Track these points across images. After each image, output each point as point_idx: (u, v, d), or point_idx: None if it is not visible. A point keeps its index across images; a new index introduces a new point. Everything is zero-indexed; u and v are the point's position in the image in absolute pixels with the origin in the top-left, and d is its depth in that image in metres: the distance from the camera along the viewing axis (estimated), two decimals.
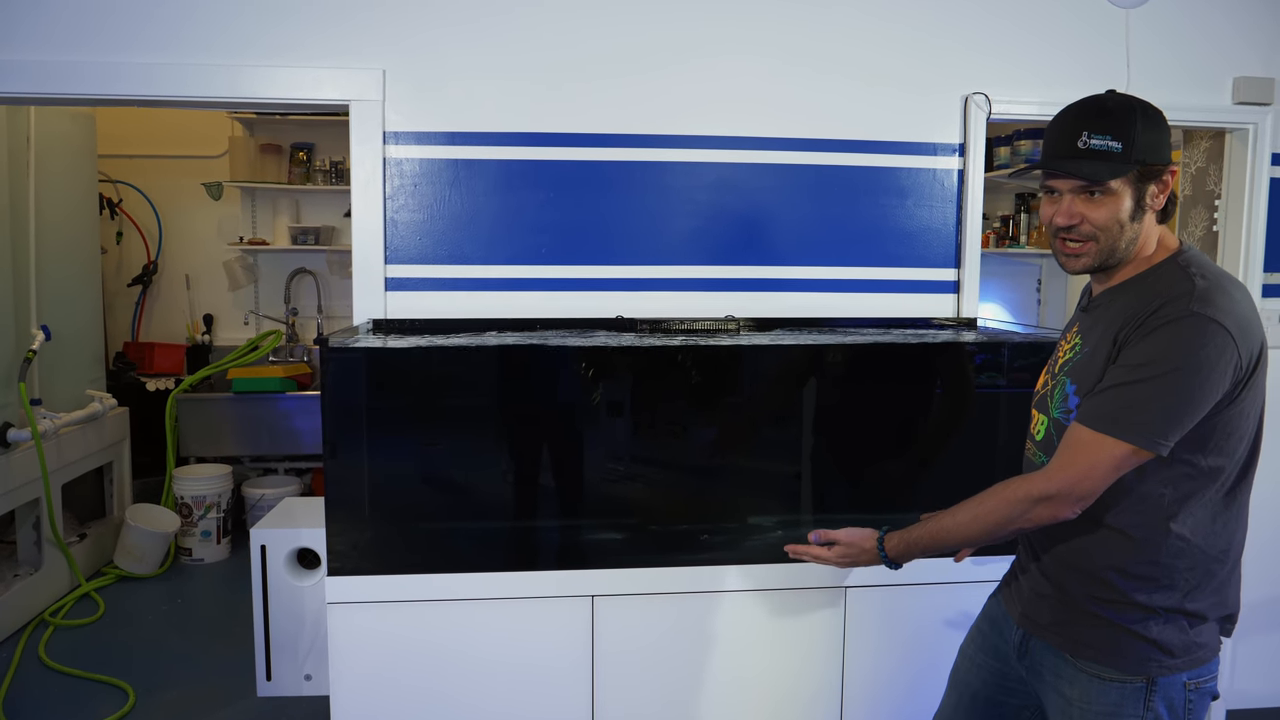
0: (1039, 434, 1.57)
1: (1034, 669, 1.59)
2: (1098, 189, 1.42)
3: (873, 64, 2.56)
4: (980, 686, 1.71)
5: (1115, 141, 1.39)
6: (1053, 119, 1.50)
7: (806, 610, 2.25)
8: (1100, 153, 1.40)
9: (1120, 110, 1.42)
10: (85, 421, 4.06)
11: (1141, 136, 1.40)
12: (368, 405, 2.13)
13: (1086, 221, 1.43)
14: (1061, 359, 1.56)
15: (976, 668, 1.71)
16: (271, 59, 2.39)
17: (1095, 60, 2.65)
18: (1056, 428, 1.51)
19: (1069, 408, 1.47)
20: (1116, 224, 1.42)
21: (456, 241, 2.46)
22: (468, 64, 2.44)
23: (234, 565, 4.47)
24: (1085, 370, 1.46)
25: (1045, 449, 1.54)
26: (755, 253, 2.56)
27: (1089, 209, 1.43)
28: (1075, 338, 1.54)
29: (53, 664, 3.35)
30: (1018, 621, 1.62)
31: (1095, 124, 1.41)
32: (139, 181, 5.06)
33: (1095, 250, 1.45)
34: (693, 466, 2.30)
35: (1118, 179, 1.40)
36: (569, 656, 2.19)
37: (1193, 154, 3.05)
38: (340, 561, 2.11)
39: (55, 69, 2.35)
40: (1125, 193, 1.41)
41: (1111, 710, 1.47)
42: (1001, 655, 1.66)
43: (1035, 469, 1.53)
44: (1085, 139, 1.40)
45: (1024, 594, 1.61)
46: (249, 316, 5.21)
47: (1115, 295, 1.49)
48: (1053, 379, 1.56)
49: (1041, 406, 1.58)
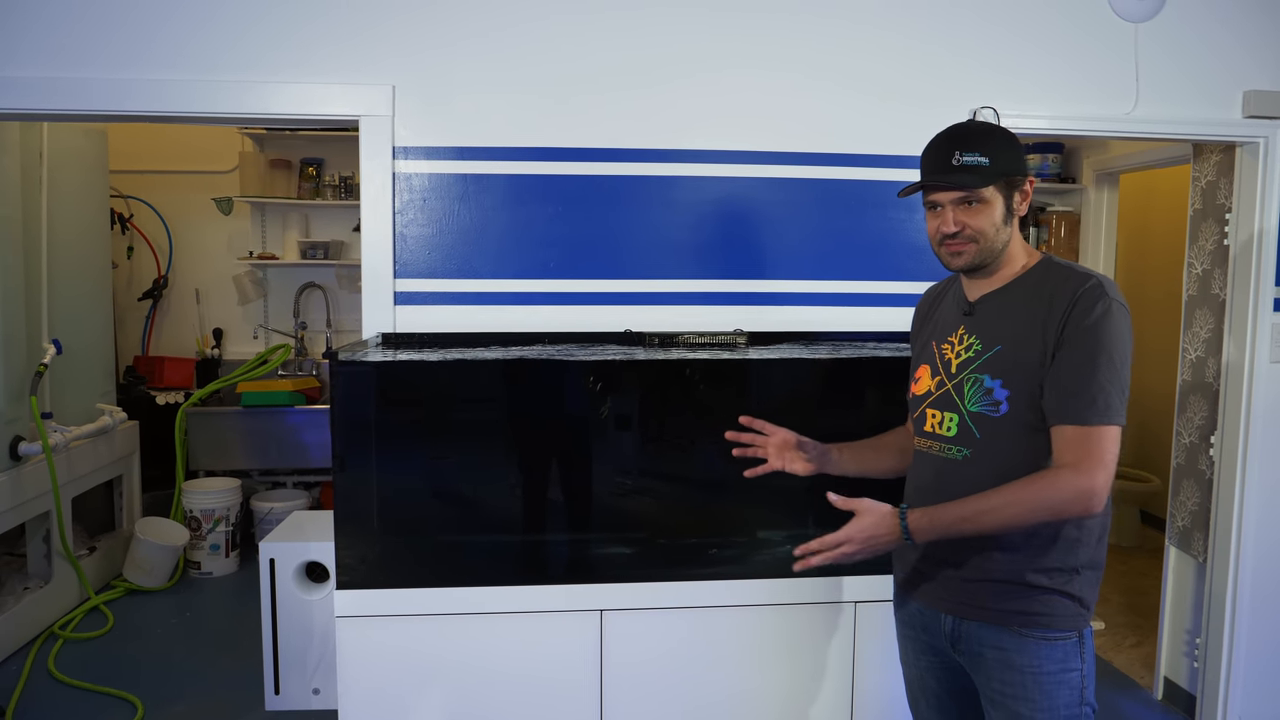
0: (950, 430, 1.69)
1: (972, 652, 1.69)
2: (974, 198, 1.62)
3: (881, 79, 2.56)
4: (938, 686, 1.81)
5: (983, 157, 1.61)
6: (927, 146, 1.70)
7: (816, 625, 2.24)
8: (971, 167, 1.61)
9: (982, 132, 1.67)
10: (95, 435, 4.08)
11: (1002, 153, 1.62)
12: (377, 418, 2.13)
13: (968, 227, 1.63)
14: (958, 359, 1.69)
15: (924, 672, 1.83)
16: (281, 74, 2.41)
17: (1104, 74, 2.65)
18: (977, 420, 1.65)
19: (995, 400, 1.62)
20: (992, 227, 1.63)
21: (465, 255, 2.47)
22: (477, 79, 2.45)
23: (242, 579, 4.47)
24: (1009, 366, 1.61)
25: (963, 442, 1.67)
26: (764, 266, 2.56)
27: (968, 217, 1.63)
28: (969, 339, 1.69)
29: (62, 677, 3.35)
30: (950, 612, 1.71)
31: (963, 144, 1.62)
32: (150, 196, 5.09)
33: (976, 250, 1.64)
34: (701, 480, 2.30)
35: (988, 187, 1.61)
36: (577, 670, 2.18)
37: (1203, 168, 3.04)
38: (349, 575, 2.11)
39: (65, 85, 2.37)
40: (996, 200, 1.63)
41: (1059, 667, 1.63)
42: (938, 650, 1.77)
43: (950, 463, 1.67)
44: (958, 157, 1.62)
45: (953, 586, 1.70)
46: (258, 330, 5.23)
47: (1001, 297, 1.67)
48: (950, 378, 1.70)
49: (945, 405, 1.70)
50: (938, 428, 1.72)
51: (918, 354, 1.83)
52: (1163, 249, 4.94)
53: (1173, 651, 3.25)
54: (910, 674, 1.88)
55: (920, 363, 1.80)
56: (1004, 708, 1.65)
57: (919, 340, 1.86)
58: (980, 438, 1.65)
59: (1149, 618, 3.58)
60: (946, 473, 1.69)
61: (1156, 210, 5.07)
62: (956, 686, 1.79)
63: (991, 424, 1.63)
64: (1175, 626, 3.23)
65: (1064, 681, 1.63)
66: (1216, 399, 2.98)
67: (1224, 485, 2.94)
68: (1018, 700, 1.63)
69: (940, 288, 1.89)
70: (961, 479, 1.65)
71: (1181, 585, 3.20)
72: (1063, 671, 1.63)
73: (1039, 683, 1.62)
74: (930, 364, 1.76)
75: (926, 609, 1.77)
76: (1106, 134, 2.74)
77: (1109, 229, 4.31)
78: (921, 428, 1.76)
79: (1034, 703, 1.62)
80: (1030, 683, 1.62)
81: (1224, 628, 2.93)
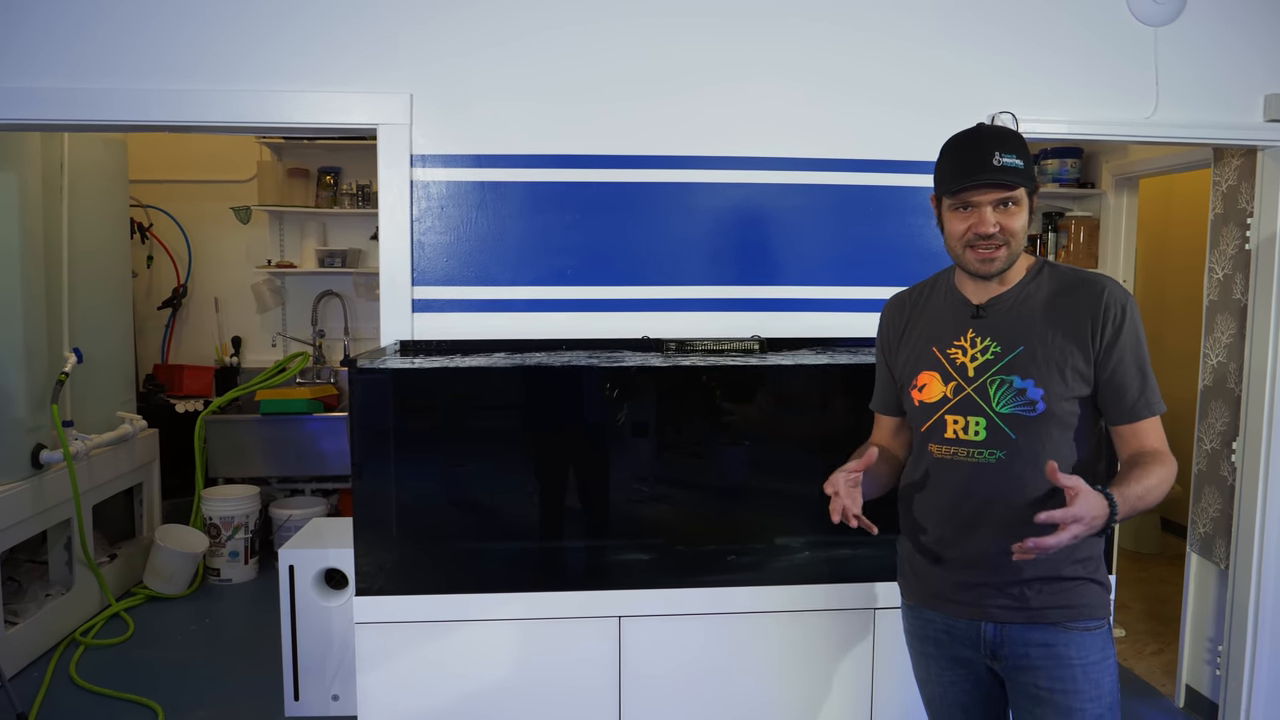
0: (977, 434, 1.67)
1: (1015, 655, 1.68)
2: (1012, 199, 1.62)
3: (897, 85, 2.56)
4: (967, 698, 1.79)
5: (1019, 159, 1.61)
6: (954, 146, 1.67)
7: (835, 631, 2.23)
8: (1012, 168, 1.60)
9: (1015, 135, 1.66)
10: (116, 443, 4.11)
11: (1030, 158, 1.64)
12: (395, 425, 2.14)
13: (1004, 229, 1.63)
14: (974, 362, 1.68)
15: (950, 686, 1.80)
16: (299, 84, 2.43)
17: (1123, 79, 2.64)
18: (1011, 421, 1.64)
19: (1030, 399, 1.62)
20: (1023, 230, 1.65)
21: (483, 263, 2.48)
22: (494, 87, 2.46)
23: (262, 585, 4.49)
24: (1042, 365, 1.62)
25: (995, 445, 1.65)
26: (781, 273, 2.55)
27: (1004, 218, 1.62)
28: (983, 341, 1.68)
29: (83, 683, 3.38)
30: (990, 619, 1.69)
31: (1002, 145, 1.61)
32: (169, 206, 5.13)
33: (1007, 254, 1.64)
34: (719, 486, 2.30)
35: (1022, 189, 1.62)
36: (596, 676, 2.18)
37: (1224, 172, 3.02)
38: (368, 582, 2.11)
39: (87, 96, 2.39)
40: (1026, 204, 1.64)
41: (1100, 655, 1.66)
42: (967, 662, 1.75)
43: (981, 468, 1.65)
44: (998, 157, 1.60)
45: (991, 593, 1.68)
46: (276, 339, 5.25)
47: (1013, 298, 1.68)
48: (968, 382, 1.67)
49: (967, 409, 1.67)
50: (961, 433, 1.69)
51: (910, 360, 1.77)
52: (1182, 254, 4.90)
53: (1194, 659, 3.22)
54: (932, 690, 1.83)
55: (921, 369, 1.74)
56: (1052, 704, 1.65)
57: (898, 345, 1.81)
58: (1016, 438, 1.64)
59: (1169, 625, 3.55)
60: (980, 477, 1.67)
61: (1176, 215, 5.04)
62: (985, 696, 1.78)
63: (1028, 424, 1.63)
64: (1197, 634, 3.20)
65: (1107, 668, 1.67)
66: (1238, 405, 2.95)
67: (1246, 492, 2.91)
68: (1068, 694, 1.64)
69: (915, 293, 1.85)
70: (998, 482, 1.65)
71: (1203, 592, 3.17)
72: (1104, 660, 1.67)
73: (1087, 673, 1.65)
74: (939, 370, 1.72)
75: (958, 620, 1.73)
76: (1126, 138, 2.73)
77: (1128, 234, 4.28)
78: (940, 435, 1.71)
79: (1083, 693, 1.64)
80: (1080, 675, 1.65)
81: (1246, 635, 2.89)
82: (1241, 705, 2.92)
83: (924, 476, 1.76)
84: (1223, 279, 3.04)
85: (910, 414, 1.79)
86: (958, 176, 1.63)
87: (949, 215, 1.67)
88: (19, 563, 3.96)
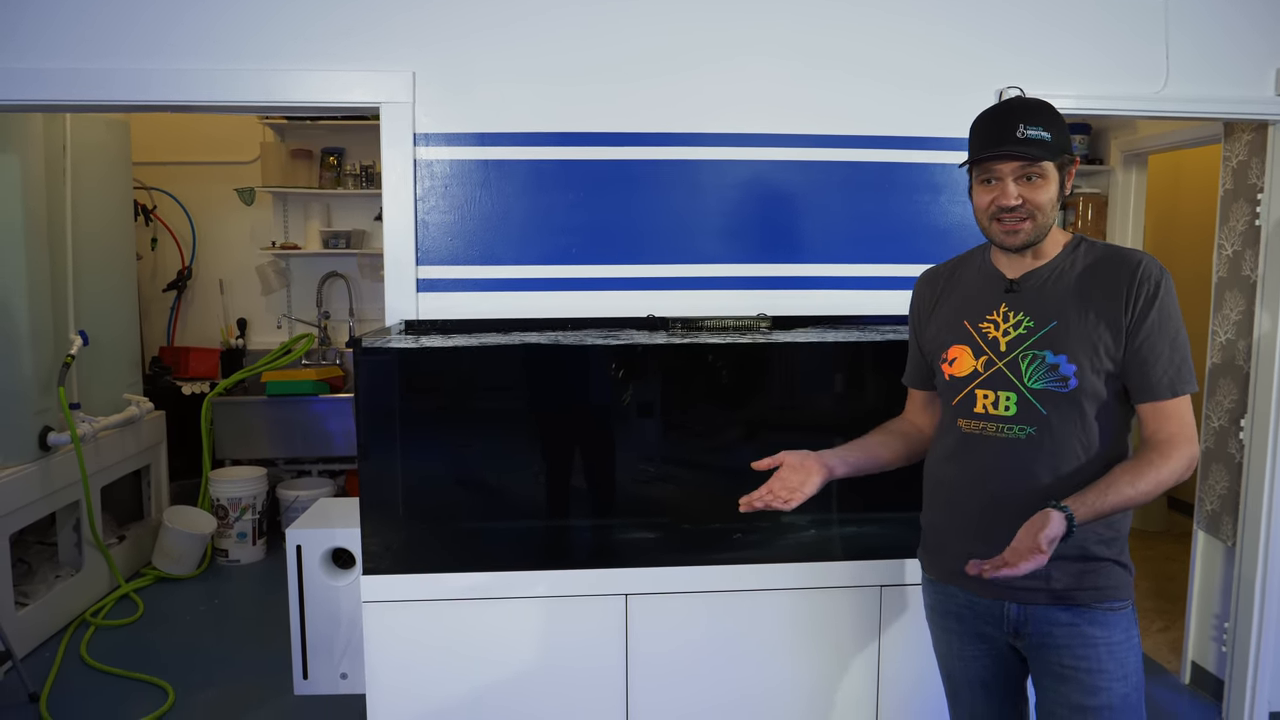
0: (1008, 409, 1.66)
1: (1039, 634, 1.67)
2: (1035, 173, 1.60)
3: (905, 61, 2.53)
4: (987, 674, 1.79)
5: (1045, 132, 1.58)
6: (983, 118, 1.67)
7: (841, 609, 2.24)
8: (1036, 140, 1.58)
9: (1045, 108, 1.63)
10: (123, 425, 4.12)
11: (1060, 130, 1.61)
12: (401, 405, 2.14)
13: (1027, 202, 1.61)
14: (1006, 337, 1.66)
15: (972, 661, 1.79)
16: (302, 63, 2.41)
17: (1133, 53, 2.61)
18: (1043, 397, 1.63)
19: (1062, 375, 1.61)
20: (1050, 203, 1.62)
21: (487, 242, 2.47)
22: (497, 65, 2.44)
23: (269, 566, 4.52)
24: (1078, 340, 1.60)
25: (1026, 420, 1.64)
26: (787, 250, 2.54)
27: (1028, 191, 1.60)
28: (1016, 315, 1.66)
29: (94, 663, 3.40)
30: (1014, 600, 1.68)
31: (1028, 117, 1.59)
32: (173, 188, 5.12)
33: (1032, 228, 1.62)
34: (725, 464, 2.29)
35: (1049, 162, 1.59)
36: (603, 653, 2.19)
37: (1234, 147, 2.99)
38: (376, 561, 2.12)
39: (89, 76, 2.38)
40: (1054, 177, 1.61)
41: (1124, 636, 1.66)
42: (988, 638, 1.75)
43: (1013, 443, 1.64)
44: (1022, 130, 1.58)
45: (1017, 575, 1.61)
46: (282, 320, 5.26)
47: (1048, 272, 1.66)
48: (1000, 356, 1.66)
49: (998, 384, 1.66)
50: (991, 408, 1.67)
51: (940, 334, 1.77)
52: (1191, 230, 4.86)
53: (1200, 636, 3.22)
54: (952, 665, 1.83)
55: (953, 343, 1.73)
56: (1077, 682, 1.64)
57: (929, 319, 1.81)
58: (1047, 414, 1.62)
59: (1175, 602, 3.55)
60: (1009, 453, 1.65)
61: (1185, 191, 5.00)
62: (1005, 672, 1.78)
63: (1060, 400, 1.62)
64: (1203, 611, 3.20)
65: (1131, 649, 1.66)
66: (1247, 382, 2.94)
67: (1254, 469, 2.90)
68: (1093, 673, 1.63)
69: (948, 268, 1.85)
70: (1027, 458, 1.64)
71: (1210, 570, 3.16)
72: (1128, 640, 1.66)
73: (1112, 652, 1.64)
74: (969, 344, 1.70)
75: (982, 599, 1.72)
76: (1136, 113, 2.70)
77: (1137, 211, 4.26)
78: (970, 410, 1.70)
79: (1108, 673, 1.64)
80: (1105, 654, 1.64)
81: (1253, 612, 2.89)
82: (1247, 681, 2.92)
83: (952, 451, 1.75)
84: (1232, 255, 3.02)
85: (940, 388, 1.79)
86: (981, 147, 1.63)
87: (976, 187, 1.67)
88: (28, 544, 3.98)
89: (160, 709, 3.05)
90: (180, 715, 3.06)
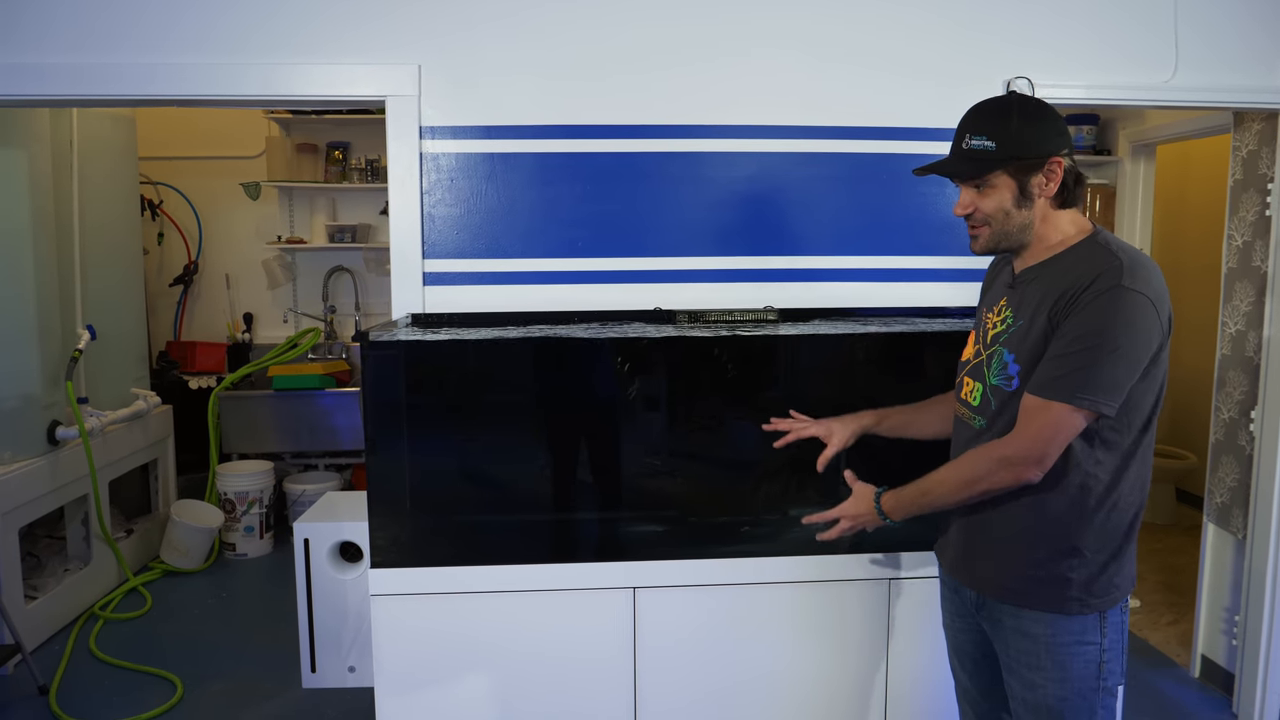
0: (975, 399, 1.72)
1: (992, 619, 1.73)
2: (981, 182, 1.61)
3: (914, 53, 2.51)
4: (972, 649, 1.85)
5: (989, 141, 1.58)
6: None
7: (851, 602, 2.23)
8: (976, 152, 1.59)
9: (996, 111, 1.61)
10: (131, 419, 4.13)
11: (1016, 134, 1.57)
12: (408, 397, 2.14)
13: (978, 210, 1.63)
14: (993, 330, 1.70)
15: (959, 634, 1.88)
16: (306, 56, 2.40)
17: (1142, 42, 2.58)
18: (994, 393, 1.67)
19: (1009, 374, 1.63)
20: (1002, 212, 1.61)
21: (493, 235, 2.46)
22: (503, 57, 2.43)
23: (277, 560, 4.53)
24: (1022, 342, 1.61)
25: (983, 412, 1.70)
26: (793, 243, 2.53)
27: (978, 199, 1.63)
28: (1005, 311, 1.69)
29: (103, 656, 3.41)
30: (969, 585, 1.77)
31: (974, 125, 1.61)
32: (178, 183, 5.13)
33: (989, 234, 1.65)
34: (733, 457, 2.29)
35: (994, 173, 1.58)
36: (611, 646, 2.19)
37: (1244, 137, 2.97)
38: (383, 555, 2.12)
39: (92, 70, 2.37)
40: (1005, 185, 1.60)
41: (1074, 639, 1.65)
42: (964, 613, 1.83)
43: (972, 431, 1.72)
44: (967, 140, 1.61)
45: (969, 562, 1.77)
46: (288, 315, 5.26)
47: (1038, 273, 1.65)
48: (985, 348, 1.71)
49: (976, 374, 1.73)
50: (967, 396, 1.76)
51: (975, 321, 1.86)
52: (1200, 220, 4.84)
53: (1210, 629, 3.21)
54: (949, 634, 1.93)
55: (972, 329, 1.84)
56: (1019, 675, 1.68)
57: (980, 308, 1.87)
58: (995, 409, 1.67)
59: (1185, 595, 3.54)
60: (968, 440, 1.73)
61: (1193, 182, 4.98)
62: (989, 651, 1.81)
63: (1005, 398, 1.65)
64: (1213, 604, 3.19)
65: (1079, 654, 1.63)
66: (1257, 374, 2.92)
67: (1265, 461, 2.88)
68: (1032, 669, 1.66)
69: (1003, 258, 1.83)
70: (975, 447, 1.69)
71: (1220, 562, 3.15)
72: (1078, 644, 1.63)
73: (1051, 652, 1.64)
74: (978, 332, 1.79)
75: (953, 578, 1.83)
76: (1145, 103, 2.68)
77: (1145, 202, 4.23)
78: (959, 394, 1.80)
79: (1046, 671, 1.64)
80: (1044, 651, 1.64)
81: (1264, 604, 2.88)
82: (1258, 674, 2.91)
83: (952, 430, 1.86)
84: (1242, 246, 3.00)
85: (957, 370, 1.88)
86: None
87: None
88: (37, 538, 4.00)
89: (169, 702, 3.06)
90: (189, 708, 3.07)
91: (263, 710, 3.06)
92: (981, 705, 1.89)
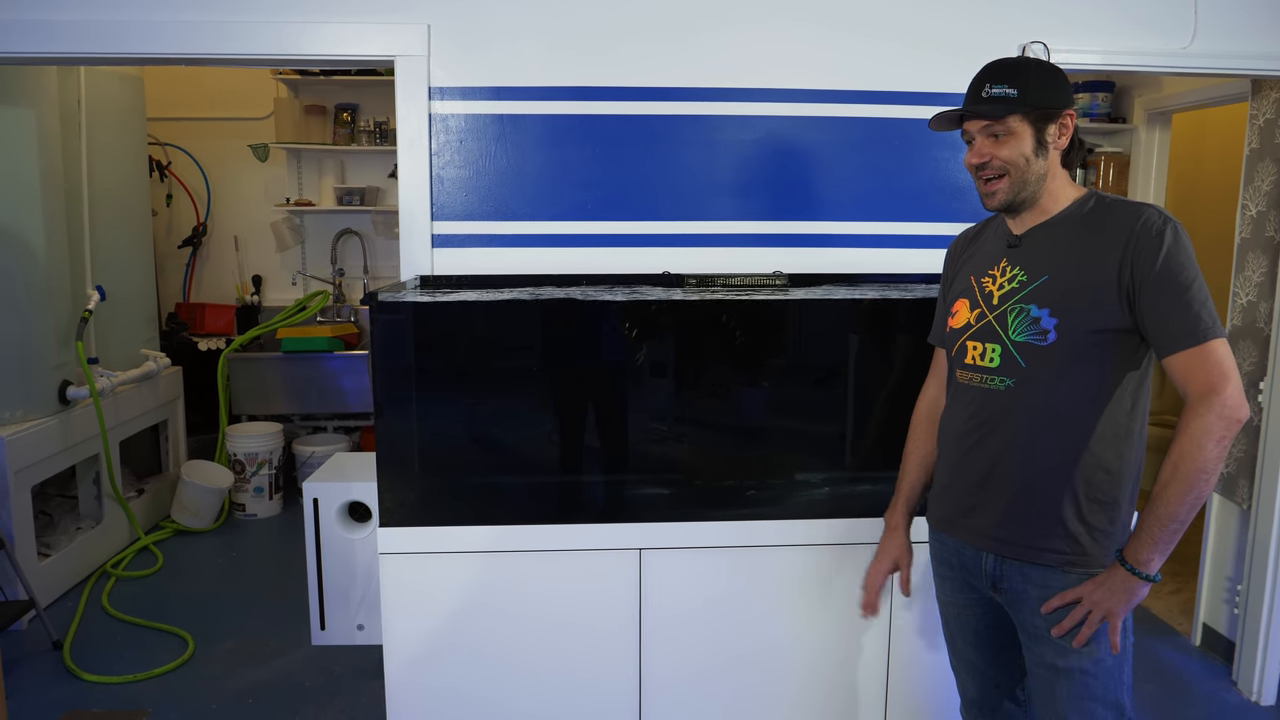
0: (992, 361, 1.70)
1: (1014, 590, 1.71)
2: (1000, 130, 1.63)
3: (928, 17, 2.48)
4: (977, 623, 1.84)
5: (1011, 89, 1.62)
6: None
7: (854, 564, 2.24)
8: (998, 98, 1.62)
9: (1015, 66, 1.66)
10: (141, 380, 4.16)
11: (1034, 86, 1.62)
12: (416, 357, 2.15)
13: (995, 158, 1.64)
14: (1000, 290, 1.70)
15: (963, 610, 1.85)
16: (315, 15, 2.38)
17: (1159, 8, 2.54)
18: (1023, 349, 1.65)
19: (1042, 328, 1.63)
20: (1021, 158, 1.63)
21: (503, 197, 2.45)
22: (513, 17, 2.41)
23: (286, 520, 4.57)
24: (1062, 294, 1.62)
25: (1007, 372, 1.67)
26: (804, 207, 2.52)
27: (995, 148, 1.64)
28: (1012, 270, 1.69)
29: (116, 613, 3.46)
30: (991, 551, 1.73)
31: (994, 78, 1.64)
32: (187, 144, 5.11)
33: (1008, 184, 1.65)
34: (740, 421, 2.29)
35: (1014, 118, 1.62)
36: (617, 606, 2.21)
37: (1261, 105, 2.94)
38: (391, 514, 2.14)
39: (100, 28, 2.36)
40: (1024, 132, 1.63)
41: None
42: (976, 588, 1.80)
43: (994, 393, 1.69)
44: (988, 89, 1.64)
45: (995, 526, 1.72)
46: (296, 277, 5.27)
47: (1049, 228, 1.67)
48: (992, 309, 1.70)
49: (986, 336, 1.71)
50: (979, 359, 1.72)
51: (954, 289, 1.83)
52: (1213, 190, 4.80)
53: (1213, 598, 3.23)
54: (948, 612, 1.90)
55: (957, 297, 1.80)
56: (1051, 643, 1.66)
57: (954, 277, 1.86)
58: (1025, 366, 1.65)
59: (1187, 564, 3.55)
60: (988, 404, 1.70)
61: (1208, 150, 4.92)
62: (995, 623, 1.81)
63: (1038, 353, 1.64)
64: (1216, 573, 3.20)
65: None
66: (1268, 345, 2.91)
67: (1273, 432, 2.88)
68: (1067, 634, 1.64)
69: (977, 228, 1.89)
70: (1006, 409, 1.67)
71: (1224, 532, 3.16)
72: None
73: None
74: (969, 297, 1.76)
75: (967, 547, 1.77)
76: (1162, 70, 2.64)
77: (1159, 170, 4.19)
78: (962, 360, 1.76)
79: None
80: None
81: (1267, 574, 2.89)
82: (1259, 643, 2.93)
83: (949, 402, 1.82)
84: (1256, 216, 2.97)
85: (946, 341, 1.84)
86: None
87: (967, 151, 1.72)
88: (50, 497, 4.04)
89: (181, 657, 3.11)
90: (200, 664, 3.12)
91: (273, 666, 3.10)
92: (987, 673, 1.88)
